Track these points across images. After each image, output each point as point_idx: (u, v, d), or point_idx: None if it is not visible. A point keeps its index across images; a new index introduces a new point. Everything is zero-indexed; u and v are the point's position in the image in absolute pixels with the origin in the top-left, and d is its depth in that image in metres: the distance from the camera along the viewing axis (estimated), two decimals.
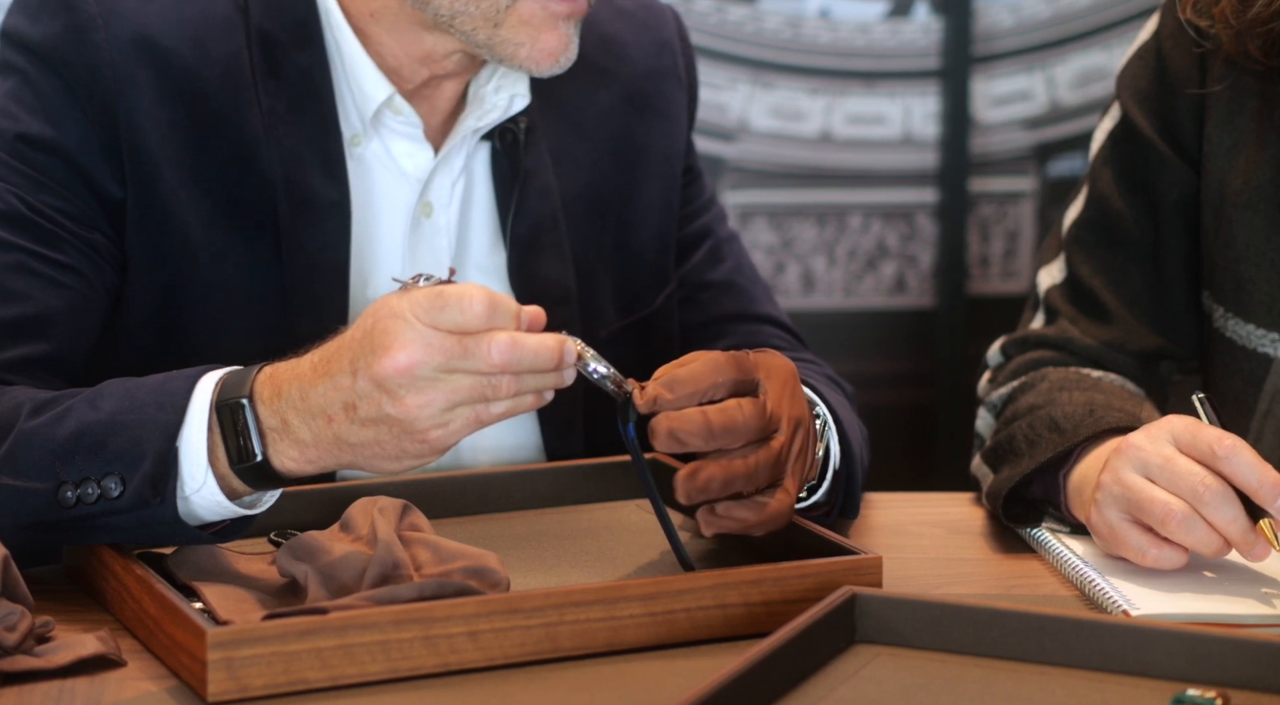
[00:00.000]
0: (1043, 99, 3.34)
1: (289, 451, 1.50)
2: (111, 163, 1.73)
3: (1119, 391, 1.87)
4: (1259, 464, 1.57)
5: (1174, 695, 1.35)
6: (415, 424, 1.45)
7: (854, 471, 1.72)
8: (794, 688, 1.37)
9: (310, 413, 1.48)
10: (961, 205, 3.32)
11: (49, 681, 1.43)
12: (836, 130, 3.31)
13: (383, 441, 1.47)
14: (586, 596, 1.47)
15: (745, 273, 2.02)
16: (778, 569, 1.53)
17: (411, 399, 1.44)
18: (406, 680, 1.43)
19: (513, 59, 1.74)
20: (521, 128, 1.85)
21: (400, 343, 1.43)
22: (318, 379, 1.47)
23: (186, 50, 1.74)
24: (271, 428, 1.49)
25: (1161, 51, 1.93)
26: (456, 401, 1.44)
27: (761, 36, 3.27)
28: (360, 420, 1.46)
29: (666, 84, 1.96)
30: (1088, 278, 1.95)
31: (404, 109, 1.80)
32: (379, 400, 1.44)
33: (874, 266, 3.35)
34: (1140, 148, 1.94)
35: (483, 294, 1.43)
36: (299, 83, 1.77)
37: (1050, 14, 3.33)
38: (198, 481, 1.51)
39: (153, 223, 1.74)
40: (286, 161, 1.76)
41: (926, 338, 3.36)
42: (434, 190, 1.83)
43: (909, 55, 3.30)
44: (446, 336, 1.43)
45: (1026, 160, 3.35)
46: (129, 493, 1.52)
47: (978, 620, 1.43)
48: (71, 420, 1.55)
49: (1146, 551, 1.60)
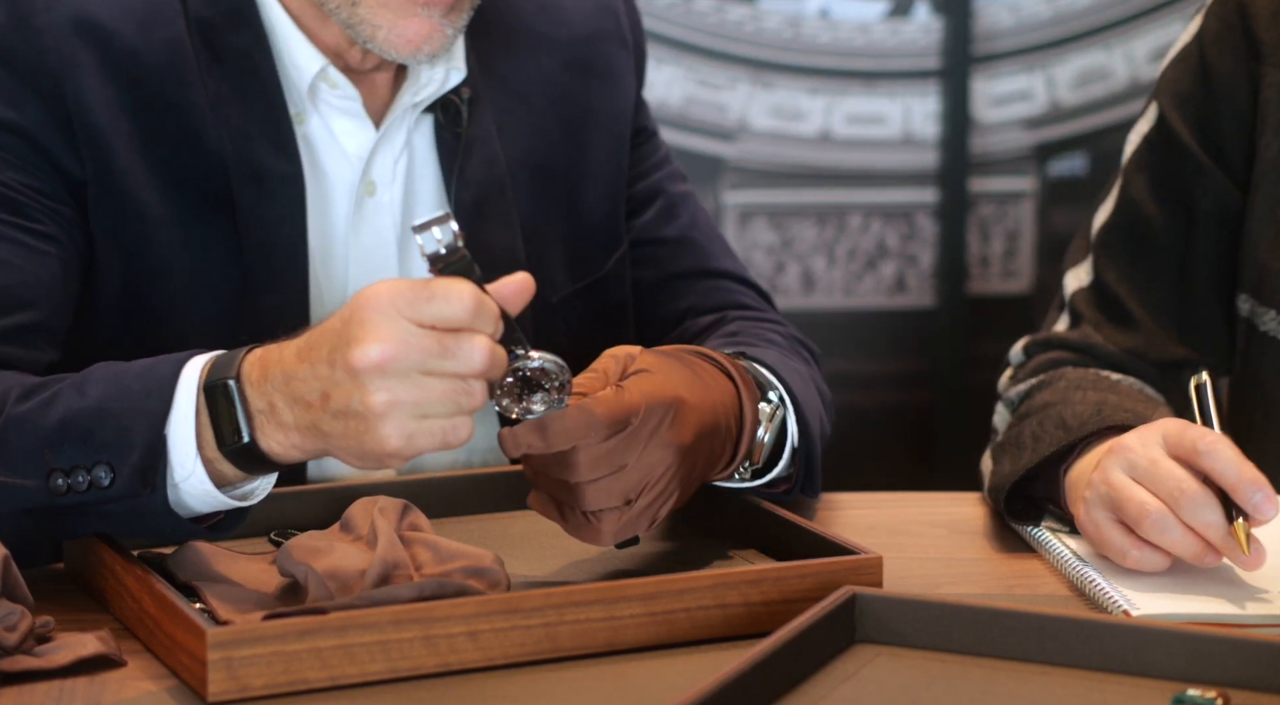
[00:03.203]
0: (1042, 99, 3.35)
1: (275, 435, 1.48)
2: (69, 144, 1.73)
3: (1135, 394, 1.86)
4: (1239, 460, 1.56)
5: (1174, 695, 1.35)
6: (379, 425, 1.41)
7: (813, 450, 1.71)
8: (794, 688, 1.37)
9: (292, 397, 1.46)
10: (961, 205, 3.33)
11: (49, 681, 1.43)
12: (836, 130, 3.31)
13: (350, 436, 1.44)
14: (586, 596, 1.47)
15: (701, 229, 2.00)
16: (778, 569, 1.53)
17: (379, 397, 1.41)
18: (406, 680, 1.43)
19: (372, 40, 1.74)
20: (464, 98, 1.85)
21: (376, 335, 1.40)
22: (300, 364, 1.46)
23: (129, 32, 1.75)
24: (259, 410, 1.48)
25: (1204, 57, 1.90)
26: (426, 408, 1.41)
27: (761, 36, 3.27)
28: (332, 411, 1.44)
29: (609, 46, 1.96)
30: (1114, 283, 1.94)
31: (340, 82, 1.80)
32: (350, 393, 1.42)
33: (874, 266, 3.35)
34: (1177, 154, 1.92)
35: (470, 291, 1.41)
36: (240, 64, 1.78)
37: (1050, 14, 3.33)
38: (186, 469, 1.51)
39: (112, 202, 1.74)
40: (235, 139, 1.76)
41: (926, 337, 3.36)
42: (376, 168, 1.83)
43: (909, 55, 3.31)
44: (426, 334, 1.40)
45: (1026, 160, 3.35)
46: (119, 482, 1.51)
47: (978, 620, 1.43)
48: (59, 406, 1.55)
49: (1128, 553, 1.60)
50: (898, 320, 3.36)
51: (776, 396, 1.70)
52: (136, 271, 1.76)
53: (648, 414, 1.55)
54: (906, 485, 2.12)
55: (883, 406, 3.35)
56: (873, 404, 3.33)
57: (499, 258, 1.84)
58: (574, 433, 1.51)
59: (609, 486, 1.54)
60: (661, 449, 1.55)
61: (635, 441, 1.54)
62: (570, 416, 1.51)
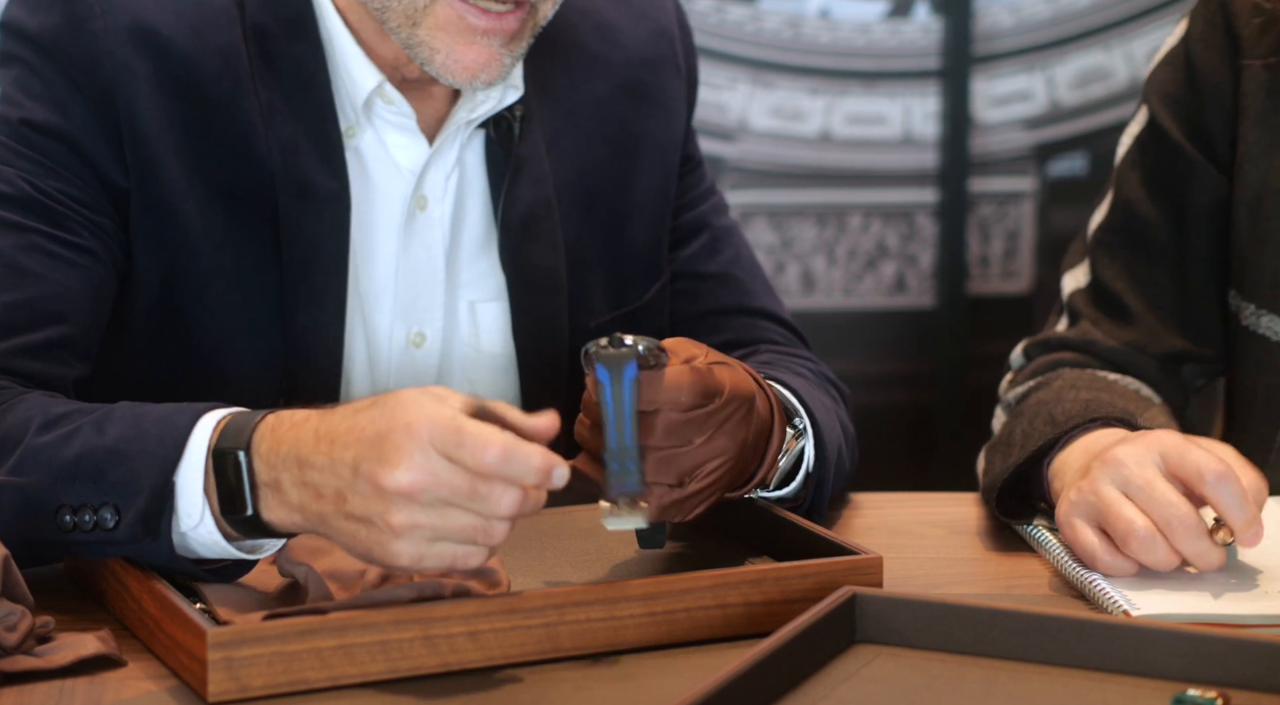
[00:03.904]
0: (1042, 99, 3.34)
1: (278, 511, 1.47)
2: (115, 151, 1.73)
3: (1128, 394, 1.87)
4: (1243, 496, 1.57)
5: (1174, 695, 1.35)
6: (393, 542, 1.41)
7: (825, 476, 1.71)
8: (794, 688, 1.37)
9: (303, 482, 1.45)
10: (961, 205, 3.33)
11: (49, 681, 1.42)
12: (836, 130, 3.31)
13: (358, 539, 1.43)
14: (587, 596, 1.47)
15: (744, 265, 2.00)
16: (778, 569, 1.53)
17: (400, 518, 1.40)
18: (407, 680, 1.43)
19: (429, 64, 1.73)
20: (517, 116, 1.84)
21: (409, 463, 1.39)
22: (317, 453, 1.44)
23: (185, 39, 1.74)
24: (265, 483, 1.47)
25: (1191, 55, 1.92)
26: (444, 535, 1.41)
27: (761, 36, 3.27)
28: (345, 513, 1.43)
29: (663, 73, 1.95)
30: (1111, 280, 1.95)
31: (395, 98, 1.80)
32: (371, 505, 1.41)
33: (874, 266, 3.35)
34: (1168, 152, 1.93)
35: (500, 442, 1.39)
36: (294, 74, 1.77)
37: (1050, 14, 3.33)
38: (194, 519, 1.50)
39: (154, 212, 1.74)
40: (284, 151, 1.76)
41: (926, 338, 3.36)
42: (428, 184, 1.83)
43: (909, 55, 3.31)
44: (459, 472, 1.39)
45: (1026, 160, 3.35)
46: (123, 526, 1.50)
47: (978, 620, 1.43)
48: (77, 443, 1.54)
49: (1098, 558, 1.60)
50: (898, 320, 3.36)
51: (801, 424, 1.70)
52: (174, 284, 1.76)
53: (729, 400, 1.56)
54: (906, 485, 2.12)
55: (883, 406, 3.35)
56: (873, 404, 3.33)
57: (541, 279, 1.84)
58: (664, 391, 1.52)
59: (671, 460, 1.54)
60: (727, 438, 1.56)
61: (710, 422, 1.55)
62: (667, 375, 1.52)
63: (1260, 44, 1.88)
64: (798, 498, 1.72)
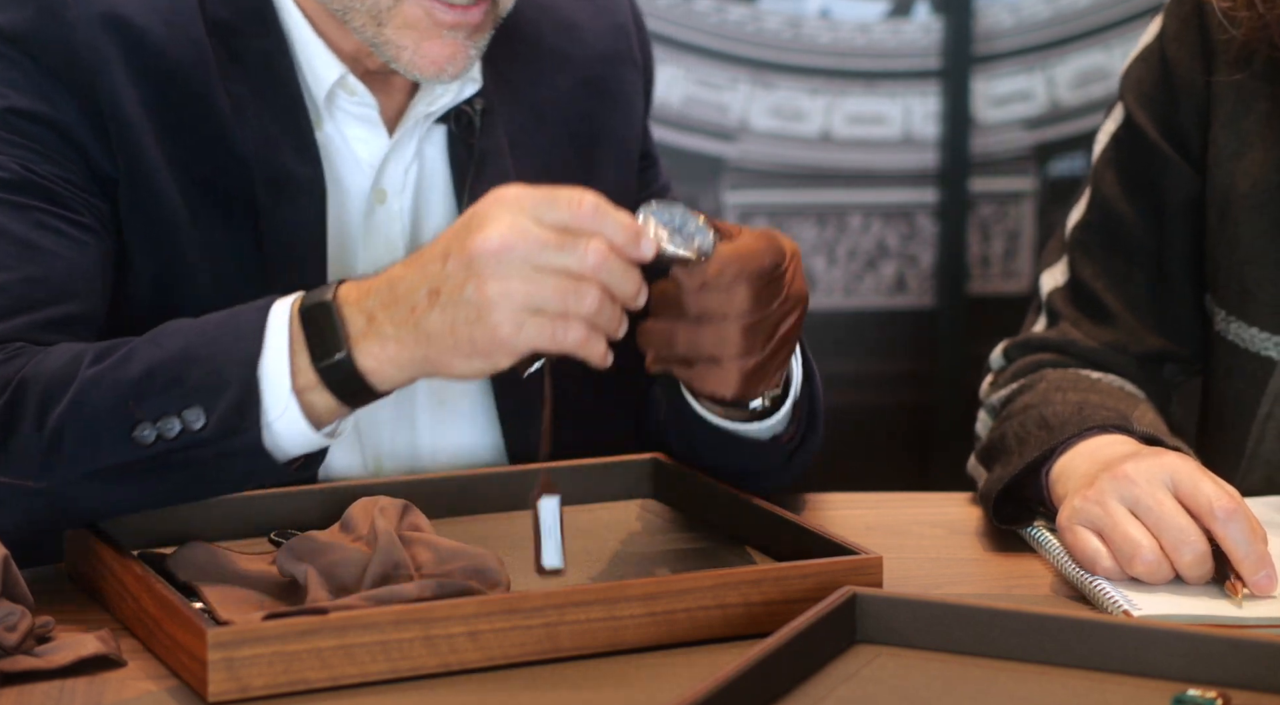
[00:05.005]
0: (1043, 99, 3.35)
1: (373, 349, 1.49)
2: (101, 140, 1.72)
3: (1115, 392, 1.87)
4: (1252, 535, 1.57)
5: (1174, 695, 1.35)
6: (490, 312, 1.43)
7: (816, 395, 1.74)
8: (794, 688, 1.37)
9: (396, 302, 1.48)
10: (962, 205, 3.33)
11: (49, 681, 1.43)
12: (837, 130, 3.31)
13: (458, 330, 1.45)
14: (587, 596, 1.47)
15: None
16: (778, 569, 1.53)
17: (493, 285, 1.43)
18: (407, 680, 1.43)
19: (396, 61, 1.74)
20: (477, 110, 1.85)
21: (497, 224, 1.44)
22: (407, 271, 1.48)
23: (157, 30, 1.74)
24: (357, 329, 1.49)
25: (1165, 54, 1.93)
26: (537, 301, 1.43)
27: (761, 36, 3.27)
28: (441, 305, 1.45)
29: (623, 68, 1.96)
30: (1090, 280, 1.95)
31: (358, 89, 1.80)
32: (463, 283, 1.44)
33: (874, 266, 3.35)
34: (1144, 150, 1.94)
35: (592, 197, 1.44)
36: (261, 67, 1.77)
37: (1050, 14, 3.33)
38: (280, 406, 1.51)
39: (142, 202, 1.73)
40: (258, 141, 1.76)
41: (926, 338, 3.36)
42: (387, 177, 1.83)
43: (909, 55, 3.31)
44: (546, 229, 1.44)
45: (1027, 160, 3.35)
46: (213, 423, 1.51)
47: (978, 620, 1.43)
48: (139, 361, 1.54)
49: (1100, 561, 1.60)
50: (898, 320, 3.36)
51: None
52: (164, 272, 1.75)
53: (792, 255, 1.58)
54: (906, 485, 2.12)
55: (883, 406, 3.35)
56: (873, 404, 3.33)
57: None
58: (748, 260, 1.53)
59: (758, 326, 1.56)
60: (798, 298, 1.58)
61: (784, 283, 1.56)
62: (742, 244, 1.53)
63: (1231, 59, 1.89)
64: (790, 431, 1.73)
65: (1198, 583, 1.58)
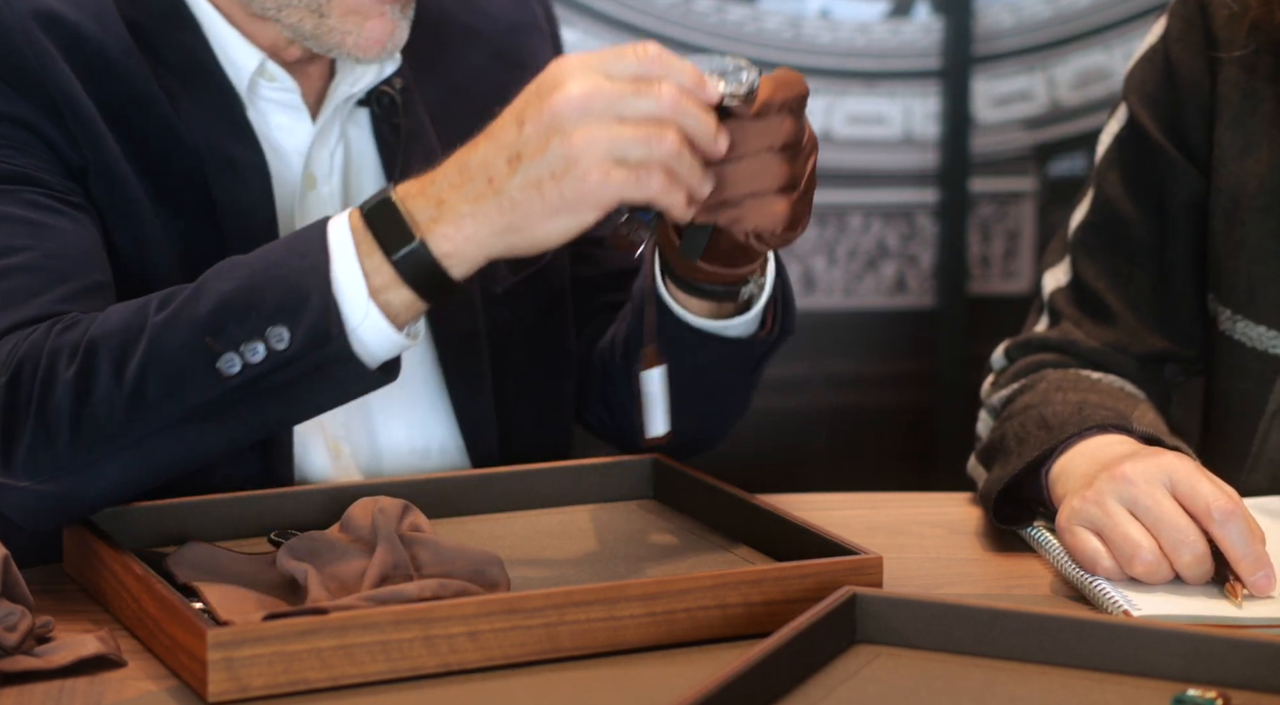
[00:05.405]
0: (1043, 99, 3.34)
1: (447, 231, 1.51)
2: (64, 132, 1.72)
3: (1115, 392, 1.87)
4: (1250, 536, 1.57)
5: (1174, 695, 1.35)
6: (578, 161, 1.46)
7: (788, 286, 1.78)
8: (794, 688, 1.37)
9: (470, 180, 1.50)
10: (962, 205, 3.32)
11: (49, 682, 1.43)
12: (837, 130, 3.31)
13: (544, 187, 1.48)
14: (587, 596, 1.47)
15: None
16: (778, 569, 1.53)
17: (578, 135, 1.46)
18: (407, 680, 1.43)
19: (340, 48, 1.75)
20: (398, 89, 1.85)
21: (573, 79, 1.47)
22: (478, 145, 1.51)
23: (91, 25, 1.74)
24: (426, 216, 1.52)
25: (1169, 54, 1.93)
26: (621, 148, 1.47)
27: (762, 36, 3.27)
28: (524, 168, 1.48)
29: (531, 37, 1.97)
30: (1092, 280, 1.95)
31: (278, 74, 1.80)
32: (546, 140, 1.47)
33: (874, 266, 3.35)
34: (1147, 151, 1.94)
35: (657, 47, 1.49)
36: (184, 60, 1.78)
37: (1050, 14, 3.33)
38: (360, 312, 1.52)
39: (111, 190, 1.73)
40: (199, 129, 1.76)
41: (926, 338, 3.36)
42: (315, 162, 1.83)
43: (909, 55, 3.31)
44: (620, 82, 1.47)
45: (1027, 160, 3.35)
46: (299, 337, 1.52)
47: (978, 620, 1.43)
48: (207, 298, 1.55)
49: (1100, 561, 1.60)
50: (898, 320, 3.36)
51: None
52: (136, 259, 1.76)
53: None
54: (906, 485, 2.12)
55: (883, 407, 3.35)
56: (873, 404, 3.33)
57: None
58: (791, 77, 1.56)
59: (800, 159, 1.59)
60: (813, 141, 1.61)
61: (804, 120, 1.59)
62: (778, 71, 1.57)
63: (1234, 35, 1.89)
64: (765, 323, 1.76)
65: (1197, 583, 1.58)
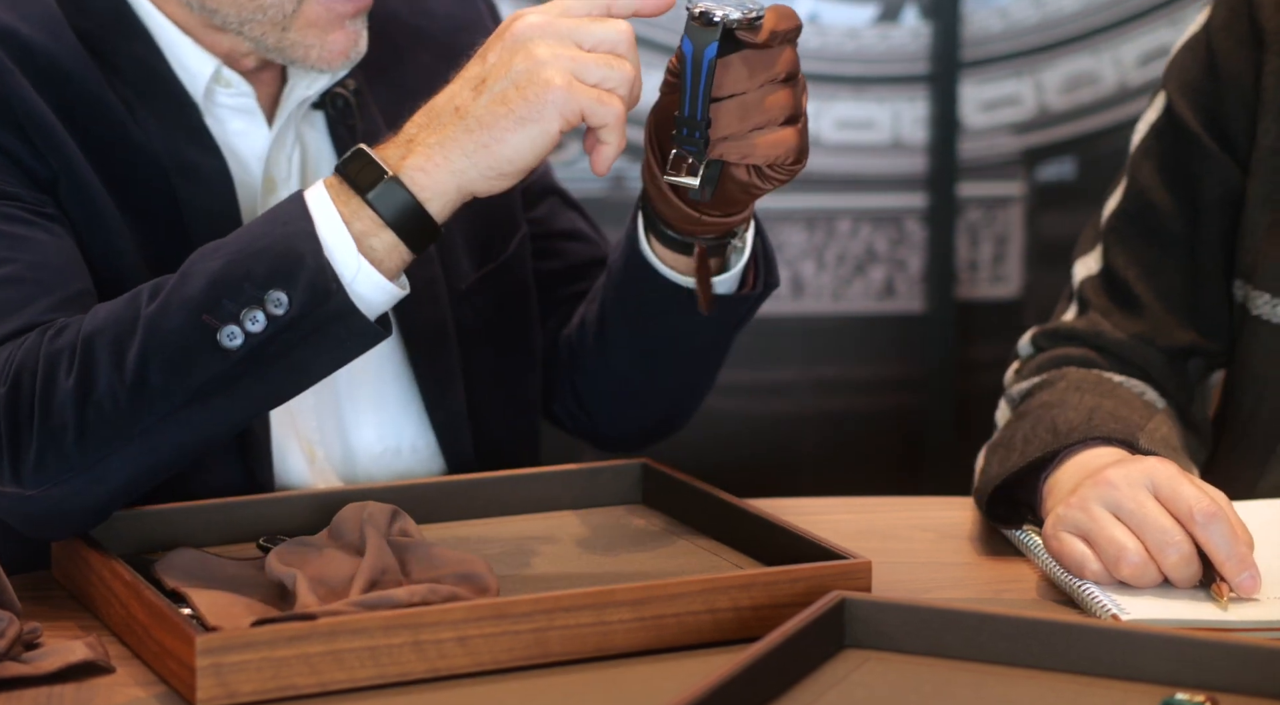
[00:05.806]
0: (1031, 104, 3.35)
1: (417, 162, 1.56)
2: (28, 145, 1.71)
3: (1133, 400, 1.85)
4: (1233, 537, 1.56)
5: (1163, 699, 1.35)
6: (542, 69, 1.53)
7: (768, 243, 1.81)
8: (783, 692, 1.37)
9: (437, 115, 1.57)
10: (950, 210, 3.33)
11: (37, 688, 1.42)
12: (825, 135, 3.31)
13: (509, 97, 1.54)
14: (576, 601, 1.47)
15: (588, 220, 2.07)
16: (767, 574, 1.53)
17: (541, 48, 1.54)
18: (396, 686, 1.43)
19: (304, 61, 1.76)
20: (351, 91, 1.86)
21: (534, 13, 1.56)
22: (443, 91, 1.59)
23: (43, 38, 1.73)
24: (397, 156, 1.57)
25: (1212, 44, 1.91)
26: (581, 69, 1.54)
27: None
28: (489, 88, 1.55)
29: (478, 35, 1.96)
30: (1123, 269, 1.93)
31: (234, 80, 1.80)
32: (510, 59, 1.55)
33: (863, 271, 3.35)
34: (1184, 141, 1.92)
35: None
36: (137, 69, 1.77)
37: (1038, 19, 3.33)
38: (352, 268, 1.55)
39: (80, 201, 1.72)
40: (158, 137, 1.76)
41: (915, 342, 3.36)
42: (274, 165, 1.84)
43: (898, 60, 3.31)
44: (578, 17, 1.56)
45: (1015, 165, 3.36)
46: (299, 297, 1.53)
47: (967, 624, 1.43)
48: (198, 278, 1.56)
49: (1087, 565, 1.60)
50: (886, 325, 3.36)
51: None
52: (109, 266, 1.75)
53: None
54: (895, 489, 2.12)
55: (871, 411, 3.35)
56: (861, 408, 3.33)
57: None
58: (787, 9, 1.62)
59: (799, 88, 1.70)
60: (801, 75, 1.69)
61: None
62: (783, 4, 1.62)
63: None
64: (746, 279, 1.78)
65: (1184, 585, 1.58)
